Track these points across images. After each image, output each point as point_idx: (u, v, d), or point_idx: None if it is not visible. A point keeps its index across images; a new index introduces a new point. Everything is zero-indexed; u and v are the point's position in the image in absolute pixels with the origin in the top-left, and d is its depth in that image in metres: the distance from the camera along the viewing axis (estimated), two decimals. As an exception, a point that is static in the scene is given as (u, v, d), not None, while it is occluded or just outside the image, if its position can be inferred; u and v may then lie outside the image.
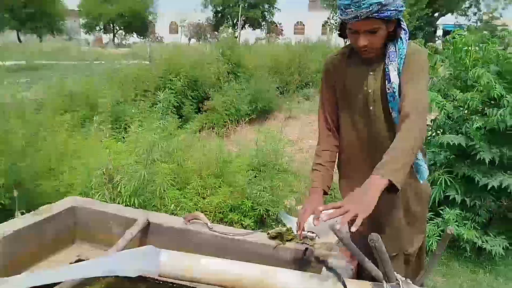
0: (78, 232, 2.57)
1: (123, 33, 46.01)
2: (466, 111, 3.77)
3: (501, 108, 3.37)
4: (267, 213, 3.82)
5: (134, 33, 44.99)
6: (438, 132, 3.96)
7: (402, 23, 1.76)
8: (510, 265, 3.47)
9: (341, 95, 1.94)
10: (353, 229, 1.46)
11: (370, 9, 1.59)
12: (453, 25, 33.06)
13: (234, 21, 39.30)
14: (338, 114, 1.98)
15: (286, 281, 1.62)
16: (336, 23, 21.82)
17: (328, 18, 23.42)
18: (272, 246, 2.22)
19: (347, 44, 1.99)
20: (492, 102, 3.56)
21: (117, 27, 45.13)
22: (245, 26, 41.22)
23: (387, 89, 1.77)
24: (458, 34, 3.84)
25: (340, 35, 1.90)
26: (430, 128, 4.00)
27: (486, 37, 3.80)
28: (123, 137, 4.93)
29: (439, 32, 34.96)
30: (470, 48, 3.73)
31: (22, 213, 2.29)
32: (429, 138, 3.95)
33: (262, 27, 42.93)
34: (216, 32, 36.46)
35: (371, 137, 1.87)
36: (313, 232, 2.71)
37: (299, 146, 7.34)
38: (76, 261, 2.24)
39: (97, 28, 44.75)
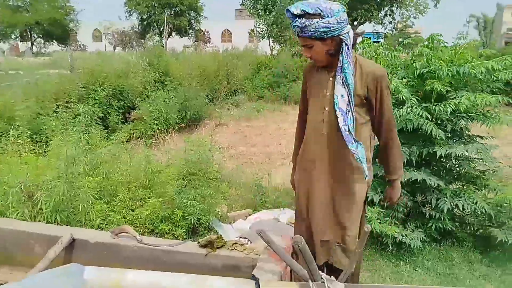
0: (-5, 255, 2.41)
1: (42, 41, 43.60)
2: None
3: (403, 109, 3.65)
4: (198, 221, 3.80)
5: (54, 41, 42.77)
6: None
7: (344, 40, 2.08)
8: (427, 255, 3.74)
9: (309, 94, 2.35)
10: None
11: (294, 30, 2.07)
12: (371, 33, 35.06)
13: (161, 29, 38.70)
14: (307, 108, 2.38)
15: (217, 287, 1.64)
16: (262, 31, 22.20)
17: (254, 26, 23.79)
18: (203, 254, 2.23)
19: None
20: (400, 105, 3.83)
21: (35, 35, 42.68)
22: (172, 34, 40.72)
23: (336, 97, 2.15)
24: (367, 43, 4.11)
25: None
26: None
27: (392, 45, 4.10)
28: (45, 151, 4.68)
29: (359, 39, 36.80)
30: (379, 55, 3.99)
31: None
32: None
33: (190, 35, 42.66)
34: (142, 40, 35.70)
35: (328, 133, 2.21)
36: (245, 238, 2.76)
37: (229, 153, 7.38)
38: (-7, 286, 2.10)
39: (13, 35, 41.99)
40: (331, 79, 2.18)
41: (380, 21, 34.52)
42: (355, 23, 32.27)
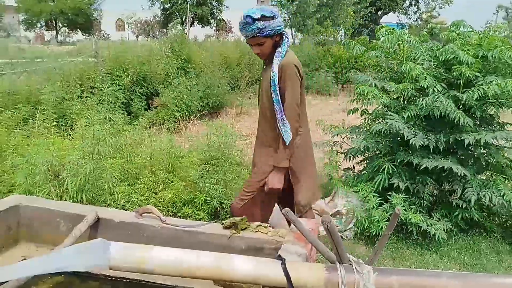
0: (22, 232, 2.44)
1: (67, 30, 44.12)
2: (402, 101, 3.94)
3: (427, 97, 3.53)
4: (220, 205, 3.80)
5: (78, 30, 43.24)
6: (378, 121, 4.11)
7: (285, 34, 2.63)
8: (453, 245, 3.66)
9: None
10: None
11: (252, 32, 2.50)
12: (395, 23, 34.34)
13: (183, 18, 38.72)
14: None
15: (242, 266, 1.62)
16: (284, 21, 22.00)
17: (276, 16, 23.54)
18: (226, 236, 2.21)
19: None
20: (422, 92, 3.73)
21: (59, 24, 43.21)
22: (194, 23, 40.70)
23: (271, 77, 2.56)
24: (388, 30, 3.99)
25: None
26: (370, 117, 4.19)
27: (420, 33, 3.97)
28: (69, 134, 4.74)
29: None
30: (402, 42, 3.88)
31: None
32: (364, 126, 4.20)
33: (211, 24, 42.57)
34: (164, 30, 35.78)
35: (261, 112, 2.81)
36: (266, 223, 2.73)
37: (251, 140, 7.35)
38: (21, 262, 2.12)
39: (38, 24, 42.60)
40: (264, 67, 2.71)
41: (405, 11, 33.75)
42: (379, 13, 31.67)
